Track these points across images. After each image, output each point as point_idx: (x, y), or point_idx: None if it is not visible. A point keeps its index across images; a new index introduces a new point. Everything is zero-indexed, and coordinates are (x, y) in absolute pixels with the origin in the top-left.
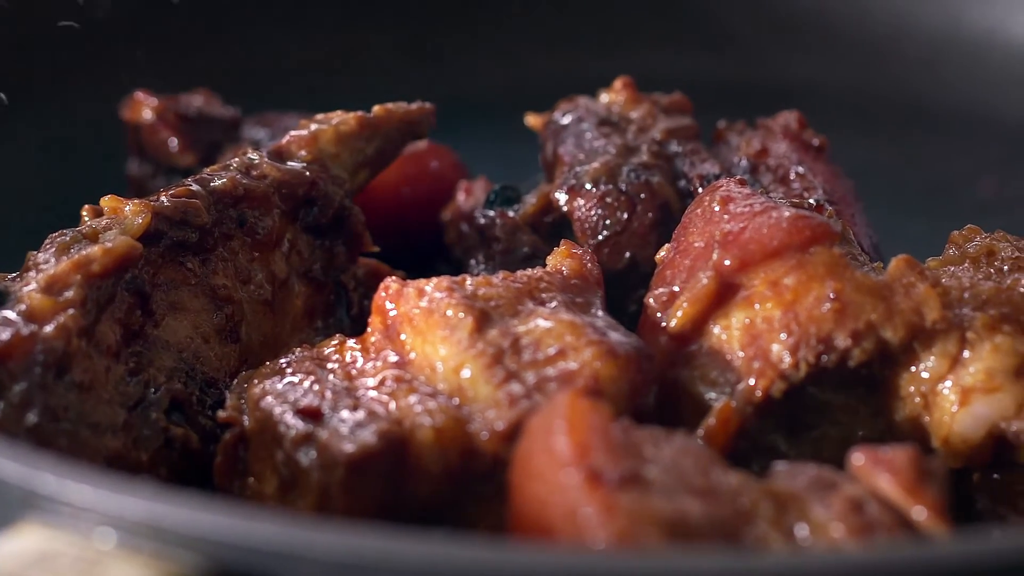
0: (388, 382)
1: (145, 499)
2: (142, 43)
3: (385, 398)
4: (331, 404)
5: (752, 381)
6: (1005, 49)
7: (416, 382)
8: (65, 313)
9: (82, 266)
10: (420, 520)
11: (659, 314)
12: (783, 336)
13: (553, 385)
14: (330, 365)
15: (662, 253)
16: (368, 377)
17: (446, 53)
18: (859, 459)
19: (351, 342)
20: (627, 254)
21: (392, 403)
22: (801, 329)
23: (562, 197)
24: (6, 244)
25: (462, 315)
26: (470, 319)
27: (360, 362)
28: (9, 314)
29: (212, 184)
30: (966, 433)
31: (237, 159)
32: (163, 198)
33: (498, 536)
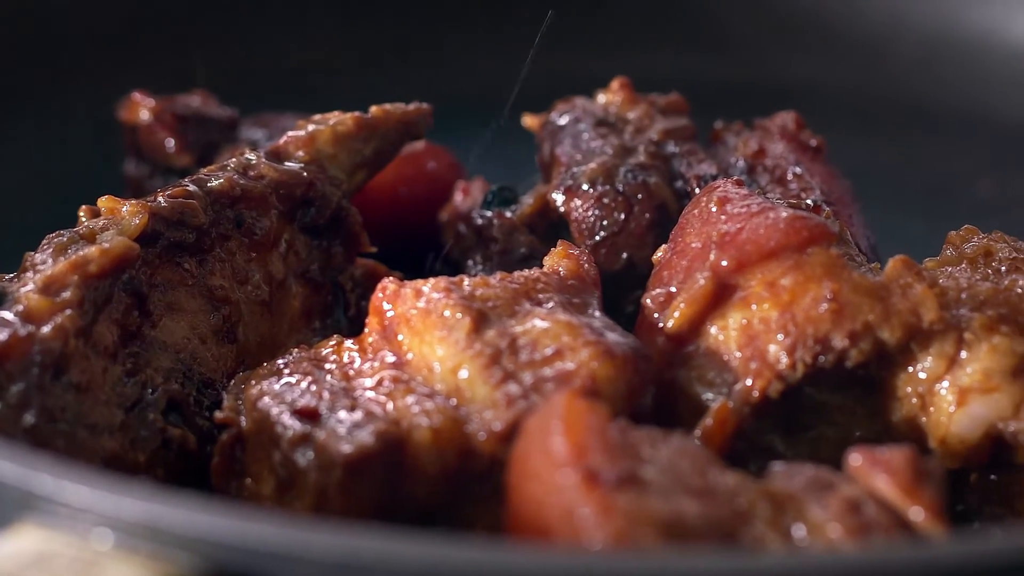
0: (386, 383)
1: (142, 500)
2: (140, 44)
3: (383, 399)
4: (328, 405)
5: (749, 381)
6: (1003, 49)
7: (413, 383)
8: (62, 314)
9: (79, 267)
10: (417, 521)
11: (656, 315)
12: (780, 337)
13: (550, 385)
14: (327, 366)
15: (659, 254)
16: (365, 378)
17: (443, 54)
18: (856, 459)
19: (349, 343)
20: (624, 255)
21: (389, 404)
22: (798, 330)
23: (559, 198)
24: (3, 244)
25: (459, 316)
26: (467, 320)
27: (358, 363)
28: (6, 315)
29: (209, 185)
30: (963, 434)
31: (234, 160)
32: (160, 199)
33: (495, 537)
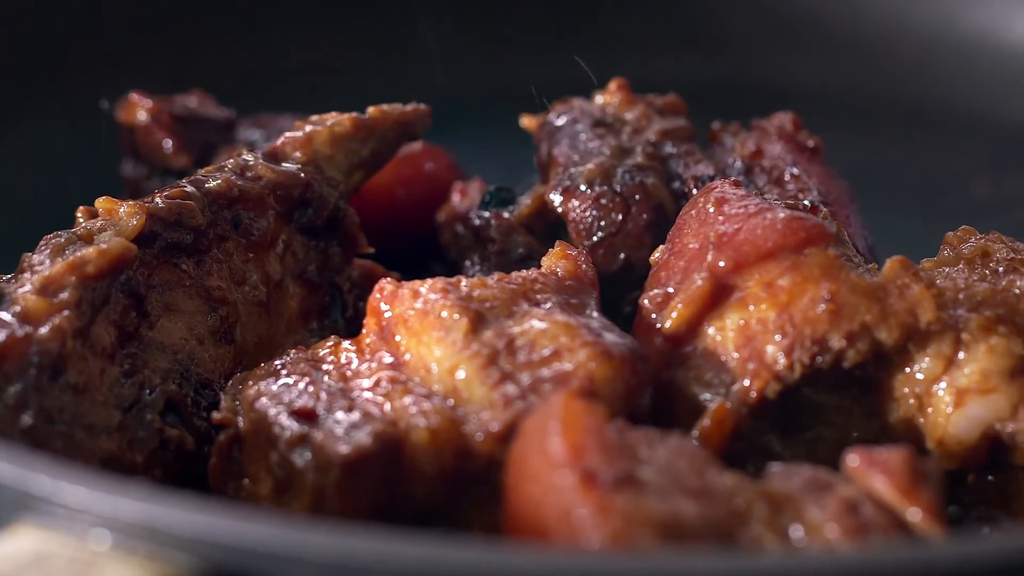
0: (383, 383)
1: (140, 500)
2: (137, 44)
3: (380, 399)
4: (326, 405)
5: (747, 382)
6: (999, 50)
7: (411, 383)
8: (60, 315)
9: (77, 267)
10: (415, 521)
11: (654, 315)
12: (778, 337)
13: (548, 386)
14: (325, 366)
15: (657, 254)
16: (363, 378)
17: (441, 54)
18: (854, 460)
19: (346, 343)
20: (622, 255)
21: (387, 404)
22: (796, 330)
23: (557, 198)
24: (1, 245)
25: (457, 316)
26: (465, 320)
27: (355, 363)
28: (4, 316)
29: (207, 185)
30: (961, 434)
31: (232, 160)
32: (158, 199)
33: (493, 537)
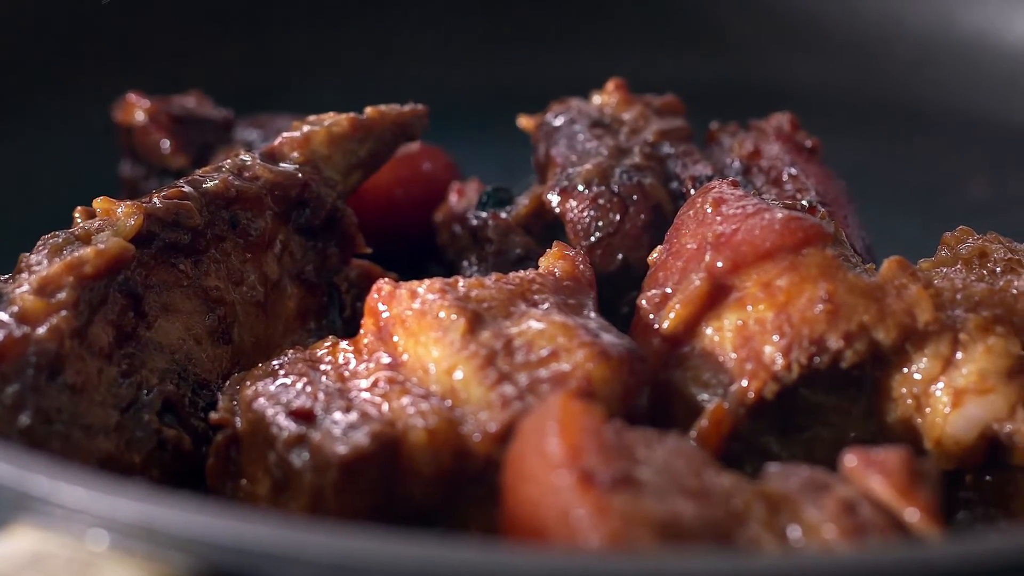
0: (381, 384)
1: (138, 501)
2: (135, 44)
3: (378, 400)
4: (324, 406)
5: (745, 382)
6: (996, 51)
7: (409, 383)
8: (58, 315)
9: (74, 268)
10: (413, 522)
11: (651, 316)
12: (775, 338)
13: (546, 387)
14: (323, 367)
15: (654, 255)
16: (361, 379)
17: (439, 55)
18: (852, 460)
19: (344, 344)
20: (619, 256)
21: (385, 404)
22: (793, 330)
23: (554, 199)
24: None
25: (455, 317)
26: (463, 321)
27: (353, 364)
28: (2, 316)
29: (204, 186)
30: (959, 435)
31: (229, 161)
32: (155, 200)
33: (491, 538)
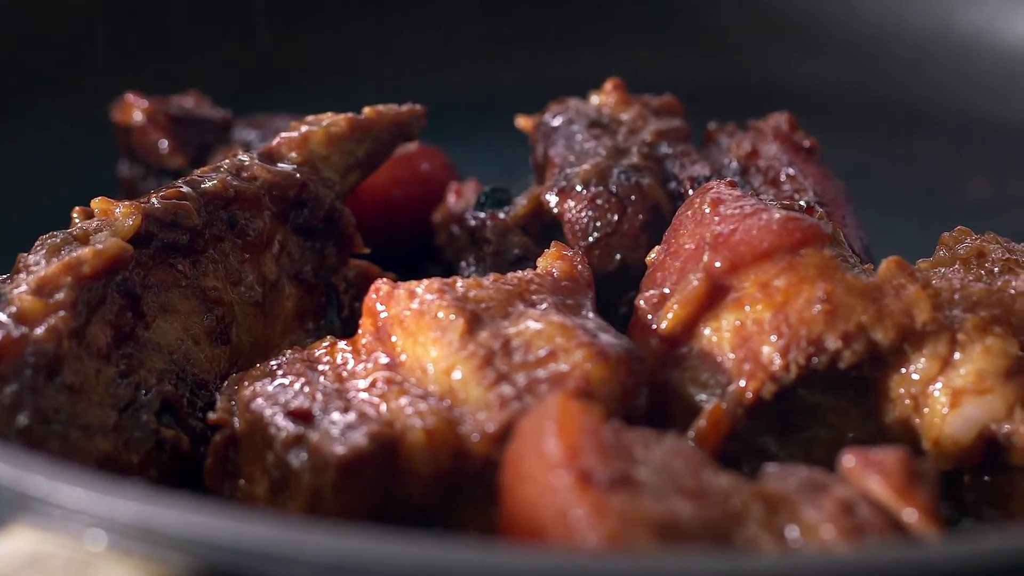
0: (379, 384)
1: (136, 501)
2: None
3: (376, 400)
4: (322, 406)
5: (743, 383)
6: (995, 51)
7: (407, 384)
8: (56, 315)
9: (73, 268)
10: (411, 522)
11: (650, 316)
12: (773, 338)
13: (544, 387)
14: (321, 367)
15: (652, 255)
16: (359, 379)
17: (437, 55)
18: (850, 461)
19: (342, 344)
20: (617, 256)
21: (383, 405)
22: (791, 331)
23: (552, 199)
24: None
25: (453, 317)
26: (461, 321)
27: (351, 364)
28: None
29: (203, 186)
30: (956, 435)
31: (228, 161)
32: (153, 200)
33: (489, 538)
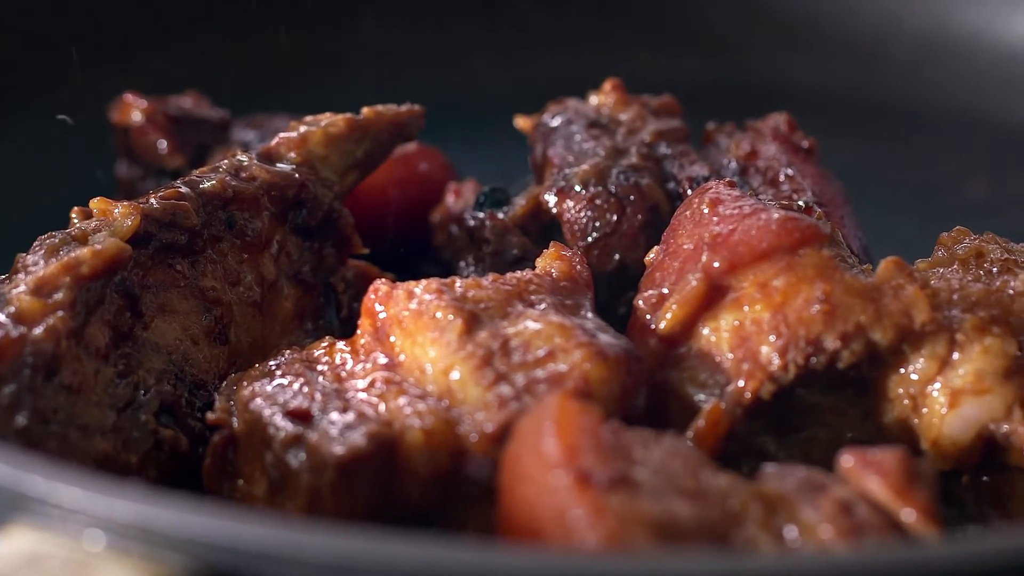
0: (378, 384)
1: (134, 501)
2: (131, 45)
3: (375, 400)
4: (320, 406)
5: (741, 383)
6: (993, 51)
7: (406, 384)
8: (54, 315)
9: (71, 268)
10: (410, 522)
11: (648, 316)
12: (772, 338)
13: (542, 387)
14: (319, 367)
15: (651, 255)
16: (358, 379)
17: (435, 55)
18: (848, 461)
19: (341, 344)
20: (616, 256)
21: (382, 405)
22: (790, 331)
23: (551, 199)
24: None
25: (451, 317)
26: (459, 321)
27: (350, 364)
28: None
29: (201, 186)
30: (955, 435)
31: (226, 161)
32: (152, 200)
33: (488, 538)
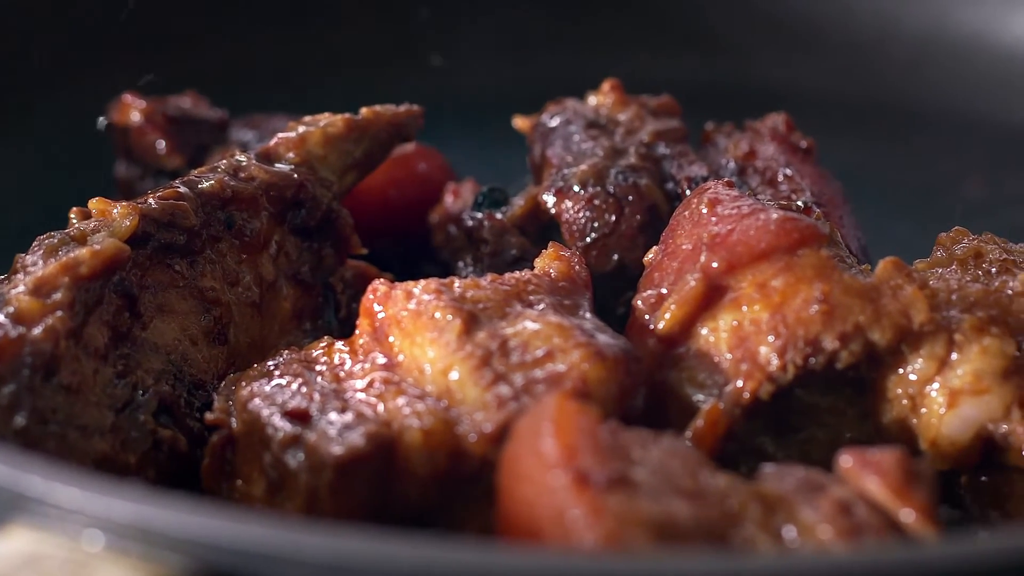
0: (376, 384)
1: (133, 501)
2: (130, 45)
3: (373, 400)
4: (319, 406)
5: (740, 383)
6: (991, 51)
7: (404, 384)
8: (53, 315)
9: (70, 268)
10: (408, 522)
11: (647, 316)
12: (771, 338)
13: (541, 387)
14: (318, 367)
15: (650, 255)
16: (356, 379)
17: (434, 55)
18: (847, 461)
19: (339, 344)
20: (615, 256)
21: (380, 405)
22: (789, 331)
23: (550, 199)
24: None
25: (450, 317)
26: (458, 321)
27: (348, 364)
28: None
29: (200, 186)
30: (954, 435)
31: (225, 161)
32: (151, 200)
33: (486, 538)
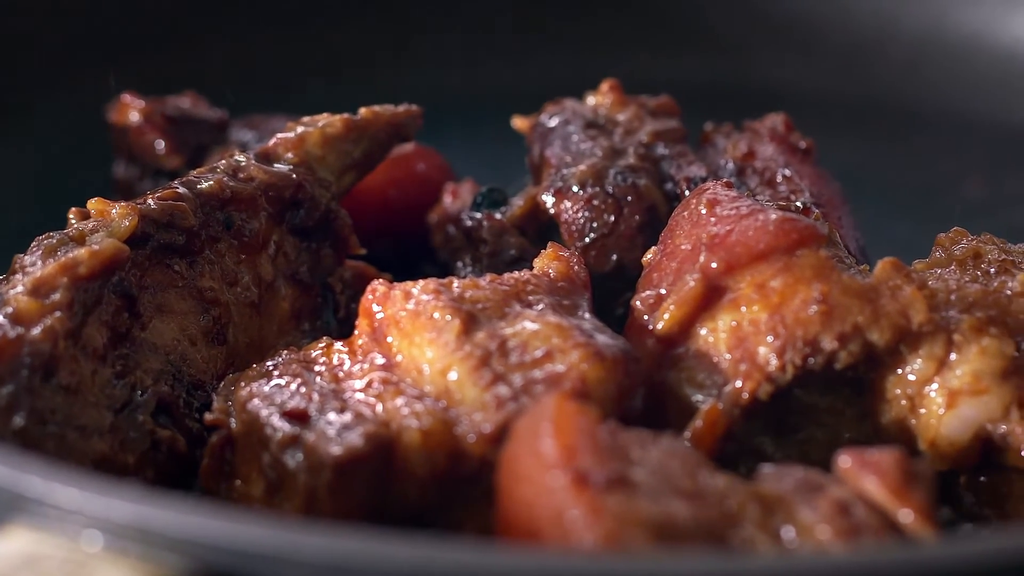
0: (375, 384)
1: (132, 502)
2: (130, 45)
3: (372, 400)
4: (318, 406)
5: (739, 383)
6: (990, 52)
7: (403, 384)
8: (52, 316)
9: (69, 268)
10: (407, 522)
11: (646, 316)
12: (770, 338)
13: (540, 387)
14: (317, 367)
15: (649, 256)
16: (355, 379)
17: (433, 56)
18: (846, 461)
19: (338, 344)
20: (614, 256)
21: (379, 405)
22: (787, 331)
23: (549, 199)
24: None
25: (449, 317)
26: (457, 321)
27: (347, 364)
28: None
29: (199, 186)
30: (953, 435)
31: (224, 161)
32: (150, 200)
33: (485, 538)
